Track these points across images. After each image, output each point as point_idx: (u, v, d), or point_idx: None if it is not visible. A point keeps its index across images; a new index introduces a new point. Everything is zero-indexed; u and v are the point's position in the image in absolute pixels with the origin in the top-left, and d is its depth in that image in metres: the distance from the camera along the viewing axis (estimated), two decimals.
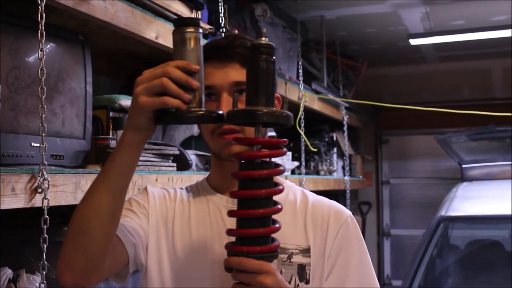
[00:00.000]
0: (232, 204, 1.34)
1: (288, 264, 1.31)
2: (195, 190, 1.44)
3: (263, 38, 1.12)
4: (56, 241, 1.75)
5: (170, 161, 2.29)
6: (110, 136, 2.13)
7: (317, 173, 4.39)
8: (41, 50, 1.61)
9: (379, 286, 1.37)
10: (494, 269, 3.16)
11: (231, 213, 1.15)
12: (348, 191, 4.66)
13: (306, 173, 3.81)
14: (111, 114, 2.22)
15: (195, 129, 2.69)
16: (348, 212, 1.40)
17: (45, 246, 1.62)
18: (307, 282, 1.31)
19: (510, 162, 4.51)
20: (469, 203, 3.43)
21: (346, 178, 4.71)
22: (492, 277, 3.06)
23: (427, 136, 5.73)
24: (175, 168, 2.30)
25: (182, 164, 2.40)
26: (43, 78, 1.62)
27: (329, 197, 1.44)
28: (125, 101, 2.28)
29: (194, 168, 2.52)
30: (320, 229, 1.35)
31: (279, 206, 1.15)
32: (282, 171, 1.16)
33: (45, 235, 1.61)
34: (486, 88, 5.85)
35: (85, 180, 1.78)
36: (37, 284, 1.78)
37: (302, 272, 1.31)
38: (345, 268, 1.33)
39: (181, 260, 1.32)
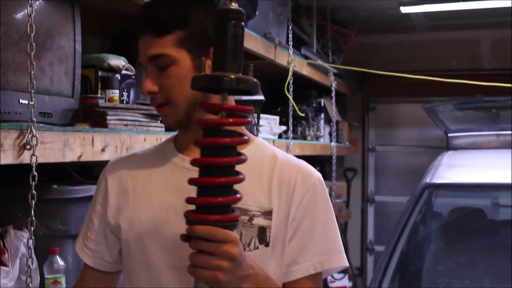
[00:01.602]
0: (188, 163, 1.32)
1: (249, 226, 1.28)
2: (159, 151, 1.44)
3: (232, 4, 1.09)
4: (44, 198, 1.76)
5: (159, 121, 2.28)
6: (99, 95, 2.13)
7: (304, 138, 4.41)
8: (30, 6, 1.59)
9: (343, 251, 1.35)
10: (476, 236, 3.21)
11: (193, 181, 1.11)
12: (334, 157, 4.69)
13: (293, 138, 3.83)
14: (99, 73, 2.21)
15: None
16: (316, 174, 1.37)
17: (33, 202, 1.62)
18: (267, 245, 1.29)
19: (495, 132, 4.55)
20: (453, 171, 3.47)
21: (333, 144, 4.73)
22: (473, 244, 3.11)
23: (414, 104, 5.75)
24: (163, 129, 2.30)
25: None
26: (32, 35, 1.61)
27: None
28: (114, 60, 2.27)
29: None
30: (285, 192, 1.32)
31: (241, 176, 1.13)
32: (246, 141, 1.14)
33: (34, 191, 1.62)
34: (474, 58, 5.85)
35: (74, 138, 1.78)
36: (25, 240, 1.79)
37: (262, 234, 1.29)
38: (308, 232, 1.31)
39: (145, 221, 1.34)
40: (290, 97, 3.64)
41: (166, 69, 1.28)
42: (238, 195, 1.12)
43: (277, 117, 3.74)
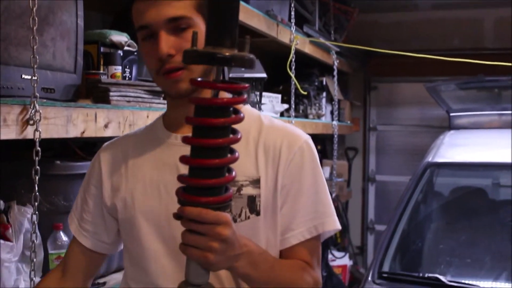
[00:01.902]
0: (180, 140, 1.31)
1: (237, 196, 1.27)
2: (149, 130, 1.43)
3: None
4: (47, 174, 1.76)
5: (161, 98, 2.27)
6: (101, 71, 2.11)
7: (306, 116, 4.40)
8: None
9: (335, 214, 1.34)
10: (477, 215, 3.22)
11: (185, 161, 1.08)
12: (335, 136, 4.69)
13: (295, 117, 3.82)
14: (102, 49, 2.19)
15: None
16: (304, 137, 1.34)
17: (37, 177, 1.62)
18: (258, 214, 1.28)
19: (497, 112, 4.54)
20: (455, 150, 3.46)
21: (334, 123, 4.72)
22: (474, 223, 3.12)
23: (415, 84, 5.73)
24: (166, 105, 2.28)
25: None
26: (34, 9, 1.59)
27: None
28: (116, 36, 2.25)
29: None
30: (272, 158, 1.30)
31: (236, 155, 1.09)
32: (241, 119, 1.09)
33: (37, 167, 1.61)
34: (477, 38, 5.82)
35: (77, 114, 1.77)
36: (29, 216, 1.79)
37: (252, 204, 1.27)
38: (298, 197, 1.30)
39: (137, 201, 1.34)
40: (293, 75, 3.62)
41: (184, 32, 1.25)
42: (232, 174, 1.09)
43: (279, 95, 3.72)
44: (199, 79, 1.14)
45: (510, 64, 4.28)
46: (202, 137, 1.05)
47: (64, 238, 1.87)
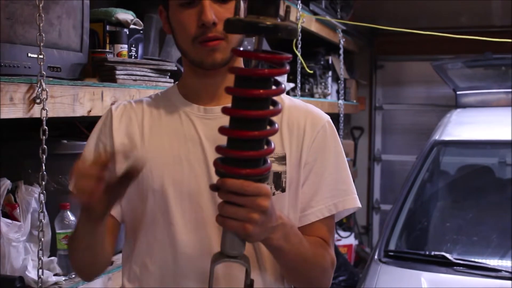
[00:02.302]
0: (204, 112, 1.31)
1: None
2: (165, 99, 1.37)
3: None
4: (54, 154, 1.76)
5: (168, 77, 2.26)
6: (107, 50, 2.10)
7: (312, 95, 4.38)
8: None
9: (355, 192, 1.35)
10: (484, 194, 3.21)
11: (224, 132, 1.07)
12: (341, 115, 4.67)
13: (301, 96, 3.80)
14: (107, 27, 2.18)
15: None
16: (325, 117, 1.35)
17: (44, 157, 1.62)
18: (283, 190, 1.28)
19: (504, 90, 4.51)
20: (463, 128, 3.45)
21: (340, 102, 4.70)
22: (481, 202, 3.12)
23: (422, 62, 5.69)
24: (172, 84, 2.27)
25: (176, 80, 2.38)
26: None
27: None
28: (122, 14, 2.24)
29: None
30: (296, 136, 1.31)
31: (276, 126, 1.09)
32: (283, 90, 1.08)
33: (44, 146, 1.61)
34: (485, 15, 5.77)
35: (83, 93, 1.76)
36: (36, 195, 1.79)
37: (278, 180, 1.28)
38: (320, 175, 1.31)
39: (157, 173, 1.30)
40: (299, 54, 3.60)
41: (227, 2, 1.24)
42: (271, 147, 1.08)
43: (285, 74, 3.70)
44: (241, 49, 1.13)
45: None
46: (245, 108, 1.04)
47: (72, 217, 1.88)
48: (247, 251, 1.15)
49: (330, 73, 4.62)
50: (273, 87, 1.07)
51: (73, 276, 1.85)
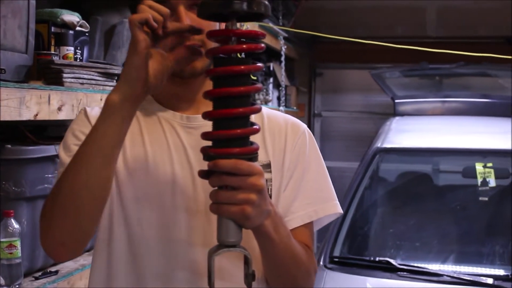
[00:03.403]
0: (187, 121, 1.28)
1: None
2: (141, 109, 1.30)
3: None
4: None
5: (115, 81, 2.21)
6: (53, 52, 2.03)
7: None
8: None
9: (336, 198, 1.34)
10: (424, 200, 3.29)
11: (209, 114, 1.06)
12: None
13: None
14: (53, 29, 2.11)
15: None
16: (304, 125, 1.36)
17: None
18: (269, 197, 1.24)
19: (440, 99, 4.65)
20: (403, 136, 3.52)
21: (281, 108, 4.72)
22: (422, 208, 3.19)
23: (360, 71, 5.81)
24: None
25: None
26: None
27: None
28: (68, 16, 2.17)
29: None
30: (278, 142, 1.30)
31: (258, 106, 1.08)
32: (261, 67, 1.09)
33: None
34: (420, 26, 5.94)
35: (30, 96, 1.70)
36: None
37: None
38: (300, 181, 1.30)
39: (139, 182, 1.25)
40: None
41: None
42: (256, 127, 1.08)
43: None
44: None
45: (452, 52, 4.39)
46: (228, 85, 1.04)
47: (16, 225, 1.80)
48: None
49: (271, 79, 4.64)
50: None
51: (17, 286, 1.78)
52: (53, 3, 2.54)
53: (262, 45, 1.08)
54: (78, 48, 2.21)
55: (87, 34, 2.28)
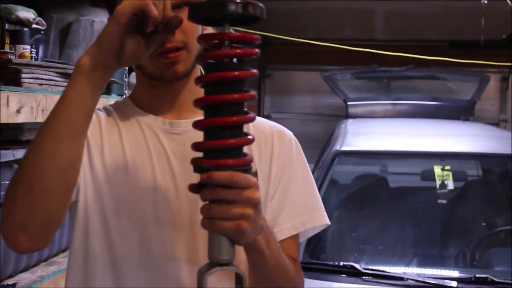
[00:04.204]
0: (170, 126, 1.20)
1: None
2: (119, 112, 1.23)
3: None
4: None
5: None
6: (9, 50, 1.90)
7: None
8: None
9: (323, 209, 1.28)
10: (383, 203, 3.28)
11: (201, 123, 0.98)
12: None
13: None
14: (6, 26, 1.98)
15: None
16: (290, 132, 1.29)
17: None
18: None
19: (391, 102, 4.69)
20: (362, 138, 3.51)
21: None
22: (382, 211, 3.18)
23: (310, 72, 5.82)
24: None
25: None
26: None
27: None
28: (23, 12, 2.05)
29: None
30: (264, 150, 1.23)
31: (251, 115, 1.00)
32: (255, 74, 1.01)
33: None
34: (368, 29, 5.99)
35: None
36: None
37: None
38: (287, 191, 1.23)
39: (119, 190, 1.16)
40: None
41: (183, 8, 1.12)
42: (249, 137, 1.00)
43: None
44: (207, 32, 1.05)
45: (405, 55, 4.44)
46: (217, 93, 0.96)
47: None
48: None
49: None
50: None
51: None
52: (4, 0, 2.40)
53: (257, 50, 1.01)
54: (33, 46, 2.09)
55: (42, 32, 2.16)
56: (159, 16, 0.98)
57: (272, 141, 1.24)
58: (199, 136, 1.12)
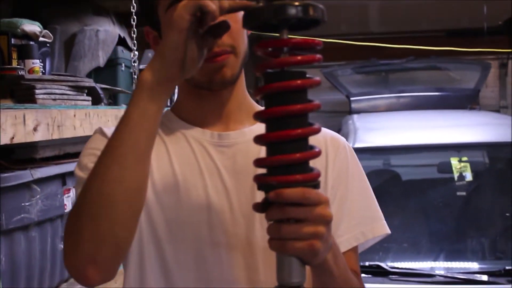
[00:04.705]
0: (219, 139, 1.13)
1: None
2: (163, 127, 1.16)
3: None
4: None
5: (85, 94, 2.02)
6: (18, 66, 1.83)
7: None
8: None
9: (383, 218, 1.20)
10: (402, 199, 3.21)
11: (267, 137, 0.90)
12: None
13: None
14: (13, 41, 1.90)
15: (101, 59, 2.41)
16: (343, 138, 1.22)
17: None
18: None
19: (395, 95, 4.62)
20: (375, 134, 3.43)
21: None
22: (400, 207, 3.11)
23: (308, 69, 5.73)
24: (90, 102, 2.03)
25: (94, 98, 2.14)
26: None
27: None
28: (29, 26, 1.97)
29: (105, 102, 2.26)
30: (318, 160, 1.11)
31: (316, 127, 0.92)
32: (319, 82, 0.92)
33: None
34: (363, 23, 5.93)
35: (5, 117, 1.49)
36: None
37: None
38: (345, 201, 1.15)
39: (171, 212, 1.09)
40: None
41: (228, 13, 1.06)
42: (316, 149, 0.91)
43: None
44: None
45: (399, 46, 4.38)
46: (281, 104, 0.88)
47: None
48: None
49: None
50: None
51: None
52: (4, 13, 2.32)
53: (320, 55, 0.92)
54: (40, 60, 2.01)
55: (48, 45, 2.08)
56: (217, 10, 0.90)
57: (326, 149, 1.16)
58: (249, 148, 1.07)
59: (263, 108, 1.12)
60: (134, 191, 0.93)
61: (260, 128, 1.08)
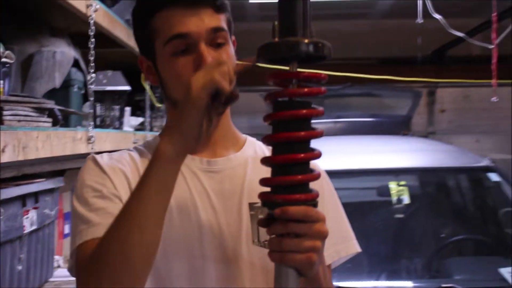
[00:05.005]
0: (207, 165, 1.22)
1: None
2: (152, 151, 1.17)
3: None
4: None
5: (46, 116, 2.04)
6: None
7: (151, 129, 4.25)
8: None
9: (354, 237, 1.32)
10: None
11: (274, 159, 1.00)
12: None
13: (150, 130, 3.68)
14: None
15: (57, 81, 2.42)
16: (317, 162, 1.33)
17: None
18: None
19: (332, 120, 4.78)
20: (335, 157, 3.51)
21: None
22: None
23: (245, 93, 5.84)
24: (51, 124, 2.05)
25: (52, 120, 2.15)
26: None
27: None
28: None
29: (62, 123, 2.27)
30: None
31: (317, 152, 1.04)
32: (322, 112, 1.05)
33: None
34: None
35: None
36: None
37: None
38: None
39: (165, 231, 1.11)
40: (147, 87, 3.49)
41: (223, 46, 1.18)
42: (315, 172, 1.03)
43: (129, 108, 3.54)
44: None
45: (335, 73, 4.54)
46: (286, 131, 0.99)
47: None
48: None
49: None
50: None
51: None
52: None
53: (324, 88, 1.04)
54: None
55: (7, 65, 2.09)
56: (230, 87, 1.01)
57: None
58: (235, 173, 1.21)
59: (245, 136, 1.23)
60: (153, 250, 1.02)
61: (244, 154, 1.20)
